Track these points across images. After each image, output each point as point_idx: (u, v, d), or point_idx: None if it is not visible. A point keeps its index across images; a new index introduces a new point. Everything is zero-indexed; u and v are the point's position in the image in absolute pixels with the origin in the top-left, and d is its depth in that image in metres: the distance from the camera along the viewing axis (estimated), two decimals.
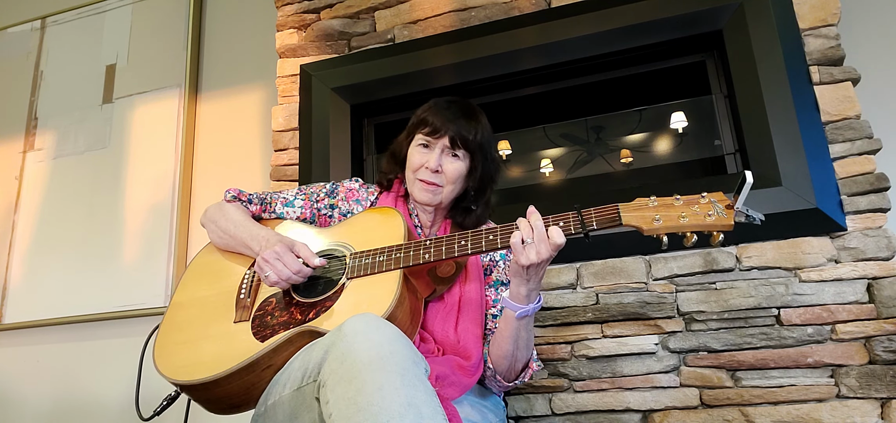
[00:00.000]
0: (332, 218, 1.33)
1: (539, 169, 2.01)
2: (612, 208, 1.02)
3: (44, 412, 2.26)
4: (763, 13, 1.67)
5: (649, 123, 1.91)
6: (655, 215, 1.00)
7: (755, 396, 1.46)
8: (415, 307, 1.12)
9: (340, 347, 0.86)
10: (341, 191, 1.35)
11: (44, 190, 2.53)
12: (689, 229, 0.98)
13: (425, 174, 1.23)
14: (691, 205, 0.99)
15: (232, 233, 1.26)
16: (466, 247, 1.08)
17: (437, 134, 1.22)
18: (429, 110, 1.25)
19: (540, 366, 1.21)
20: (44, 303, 2.36)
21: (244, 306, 1.17)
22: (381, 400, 0.77)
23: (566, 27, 1.83)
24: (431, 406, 0.80)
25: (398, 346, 0.85)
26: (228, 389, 1.09)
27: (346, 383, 0.81)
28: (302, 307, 1.13)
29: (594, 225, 1.02)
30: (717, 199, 0.99)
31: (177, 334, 1.19)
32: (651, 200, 1.01)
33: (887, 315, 1.42)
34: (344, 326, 0.89)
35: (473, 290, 1.20)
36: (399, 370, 0.81)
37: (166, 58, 2.52)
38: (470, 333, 1.15)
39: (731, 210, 0.97)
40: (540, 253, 1.00)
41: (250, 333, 1.11)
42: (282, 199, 1.35)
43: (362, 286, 1.11)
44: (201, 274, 1.29)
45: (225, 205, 1.32)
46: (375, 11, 2.07)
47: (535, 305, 1.08)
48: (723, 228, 0.97)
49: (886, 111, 1.71)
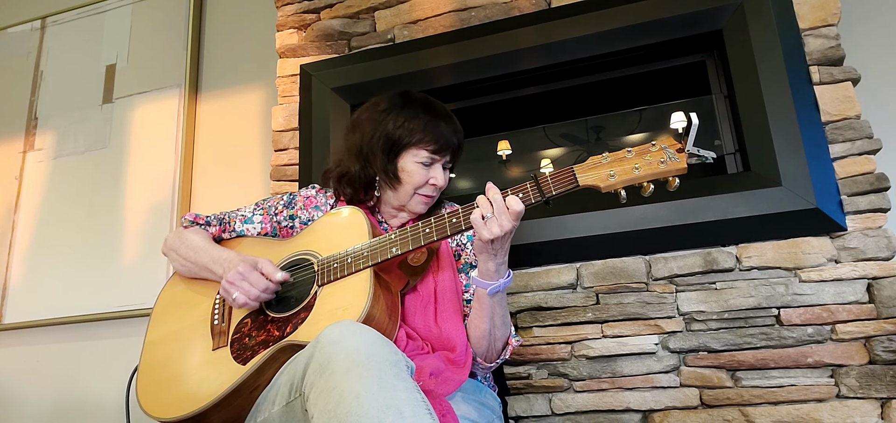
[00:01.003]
0: (293, 229, 1.31)
1: (539, 169, 2.01)
2: (567, 170, 1.03)
3: (44, 412, 2.26)
4: (763, 13, 1.67)
5: (649, 123, 1.91)
6: (610, 171, 1.01)
7: (755, 396, 1.46)
8: (391, 303, 1.11)
9: (318, 358, 0.86)
10: (299, 200, 1.34)
11: (44, 190, 2.53)
12: (645, 178, 1.00)
13: (430, 191, 1.23)
14: (643, 154, 1.01)
15: (193, 259, 1.25)
16: (432, 234, 1.08)
17: (442, 152, 1.22)
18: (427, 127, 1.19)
19: (518, 341, 1.21)
20: (44, 303, 2.36)
21: (220, 331, 1.16)
22: (360, 408, 0.77)
23: (566, 27, 1.82)
24: (413, 405, 0.80)
25: (375, 349, 0.85)
26: (219, 417, 1.08)
27: (325, 395, 0.82)
28: (278, 323, 1.12)
29: (552, 190, 1.02)
30: (668, 144, 1.00)
31: (158, 372, 1.17)
32: (604, 157, 1.03)
33: (887, 315, 1.42)
34: (321, 336, 0.89)
35: (447, 278, 1.19)
36: (377, 374, 0.81)
37: (166, 58, 2.52)
38: (450, 322, 1.15)
39: (683, 153, 0.98)
40: (502, 226, 1.01)
41: (231, 358, 1.11)
42: (240, 216, 1.34)
43: (335, 291, 1.11)
44: (170, 307, 1.27)
45: (183, 232, 1.30)
46: (375, 11, 2.07)
47: (505, 280, 1.09)
48: (677, 171, 0.99)
49: (886, 111, 1.71)
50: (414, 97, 1.25)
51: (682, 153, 0.99)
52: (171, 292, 1.30)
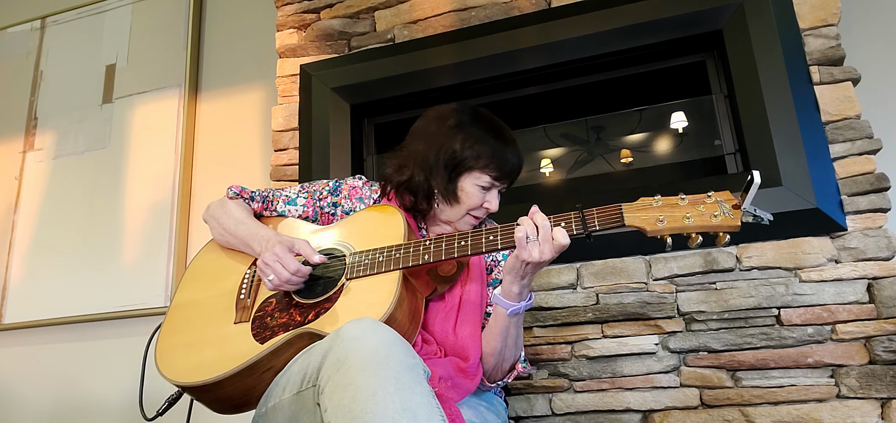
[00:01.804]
0: (334, 215, 1.31)
1: (539, 169, 2.01)
2: (614, 209, 0.99)
3: (44, 412, 2.26)
4: (763, 13, 1.67)
5: (649, 123, 1.91)
6: (659, 216, 0.96)
7: (755, 396, 1.46)
8: (415, 308, 1.11)
9: (337, 352, 0.86)
10: (344, 189, 1.33)
11: (44, 190, 2.53)
12: (695, 230, 0.94)
13: (482, 214, 1.22)
14: (697, 205, 0.95)
15: (233, 231, 1.26)
16: (466, 248, 1.08)
17: (504, 180, 1.22)
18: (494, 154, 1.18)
19: (526, 368, 1.20)
20: (44, 303, 2.36)
21: (244, 306, 1.17)
22: (375, 407, 0.77)
23: (566, 27, 1.82)
24: (427, 410, 0.80)
25: (395, 350, 0.85)
26: (230, 390, 1.09)
27: (341, 390, 0.82)
28: (301, 308, 1.12)
29: (596, 226, 0.99)
30: (724, 198, 0.94)
31: (178, 336, 1.18)
32: (655, 200, 0.98)
33: (887, 315, 1.42)
34: (342, 330, 0.89)
35: (474, 290, 1.19)
36: (394, 375, 0.81)
37: (166, 58, 2.52)
38: (468, 333, 1.14)
39: (738, 210, 0.93)
40: (543, 253, 1.00)
41: (250, 334, 1.11)
42: (284, 197, 1.34)
43: (361, 287, 1.11)
44: (201, 274, 1.28)
45: (227, 202, 1.31)
46: (375, 11, 2.07)
47: (526, 302, 1.08)
48: (729, 228, 0.93)
49: (886, 111, 1.71)
50: (482, 117, 1.23)
51: (737, 210, 0.93)
52: (205, 258, 1.31)
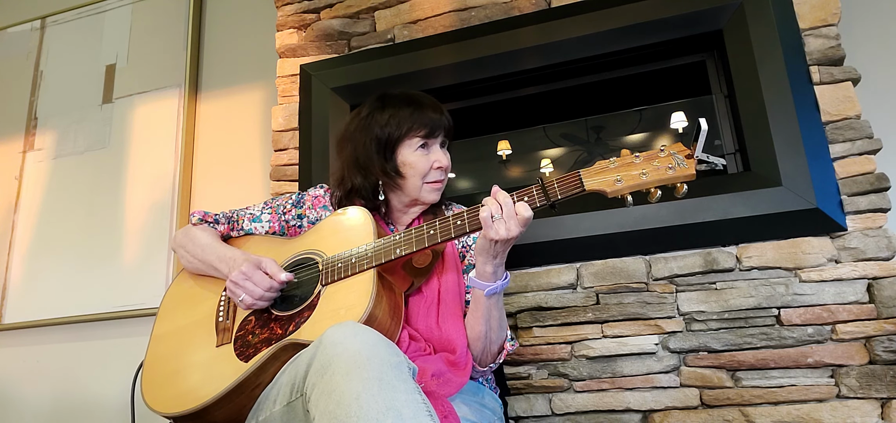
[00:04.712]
0: (301, 228, 1.32)
1: (539, 169, 2.01)
2: (573, 175, 1.02)
3: (44, 412, 2.26)
4: (763, 13, 1.67)
5: (649, 123, 1.91)
6: (617, 176, 1.00)
7: (755, 396, 1.46)
8: (395, 304, 1.12)
9: (320, 358, 0.86)
10: (307, 199, 1.34)
11: (44, 190, 2.53)
12: (652, 184, 0.99)
13: (437, 175, 1.23)
14: (651, 160, 1.00)
15: (200, 257, 1.26)
16: (436, 236, 1.09)
17: (436, 133, 1.22)
18: (413, 115, 1.22)
19: (514, 345, 1.21)
20: (44, 303, 2.36)
21: (224, 328, 1.17)
22: (359, 410, 0.78)
23: (566, 27, 1.82)
24: (412, 406, 0.80)
25: (377, 350, 0.85)
26: (220, 413, 1.09)
27: (326, 396, 0.82)
28: (281, 321, 1.13)
29: (558, 194, 1.02)
30: (677, 150, 0.99)
31: (162, 366, 1.19)
32: (611, 162, 1.01)
33: (887, 315, 1.42)
34: (324, 336, 0.89)
35: (451, 280, 1.20)
36: (377, 376, 0.81)
37: (166, 58, 2.51)
38: (452, 324, 1.15)
39: (692, 159, 0.97)
40: (509, 229, 1.02)
41: (234, 355, 1.11)
42: (249, 215, 1.35)
43: (338, 291, 1.11)
44: (178, 303, 1.29)
45: (191, 229, 1.31)
46: (375, 11, 2.07)
47: (502, 282, 1.09)
48: (685, 178, 0.98)
49: (886, 111, 1.71)
50: (391, 94, 1.27)
51: (690, 159, 0.98)
52: (179, 288, 1.32)
